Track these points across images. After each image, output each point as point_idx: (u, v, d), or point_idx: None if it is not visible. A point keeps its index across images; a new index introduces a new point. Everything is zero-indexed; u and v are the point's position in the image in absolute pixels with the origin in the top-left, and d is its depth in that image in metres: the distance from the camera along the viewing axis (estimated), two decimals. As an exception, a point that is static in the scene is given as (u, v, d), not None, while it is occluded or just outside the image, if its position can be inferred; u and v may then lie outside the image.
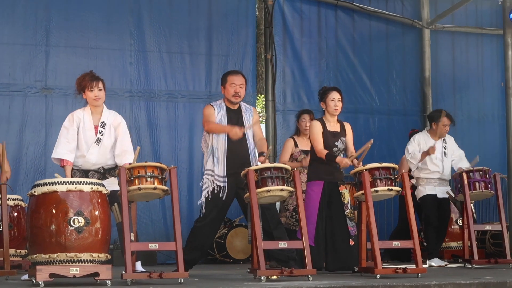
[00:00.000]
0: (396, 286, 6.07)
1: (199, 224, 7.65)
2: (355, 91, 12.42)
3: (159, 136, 11.22)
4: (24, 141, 10.61)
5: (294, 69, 12.13)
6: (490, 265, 8.71)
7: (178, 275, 6.42)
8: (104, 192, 6.36)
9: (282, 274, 6.68)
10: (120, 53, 11.14)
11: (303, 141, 9.36)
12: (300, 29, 12.21)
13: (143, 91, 11.21)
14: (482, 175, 8.97)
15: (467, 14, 13.21)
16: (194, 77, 11.48)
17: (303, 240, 6.88)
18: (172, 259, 9.32)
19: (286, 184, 6.94)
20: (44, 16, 10.79)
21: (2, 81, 10.59)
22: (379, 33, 12.80)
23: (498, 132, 12.86)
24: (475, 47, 13.30)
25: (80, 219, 6.10)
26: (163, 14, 11.38)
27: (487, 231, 10.60)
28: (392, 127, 12.64)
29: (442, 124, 9.47)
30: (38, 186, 6.26)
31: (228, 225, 10.92)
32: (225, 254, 10.76)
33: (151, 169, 6.62)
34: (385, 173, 7.32)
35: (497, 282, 6.34)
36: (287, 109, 11.90)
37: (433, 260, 9.29)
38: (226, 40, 11.64)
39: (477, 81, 13.25)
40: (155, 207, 10.89)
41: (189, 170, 11.25)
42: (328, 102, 8.07)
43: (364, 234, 7.48)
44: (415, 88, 12.99)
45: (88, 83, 7.28)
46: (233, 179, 7.52)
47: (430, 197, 9.40)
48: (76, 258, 6.08)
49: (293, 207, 9.08)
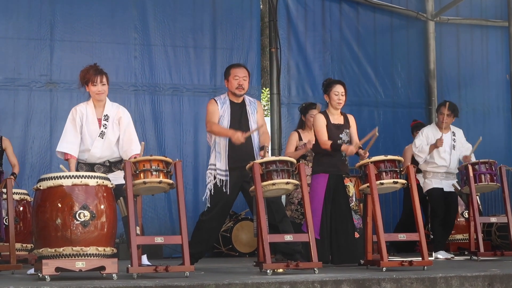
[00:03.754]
0: (402, 279, 6.06)
1: (205, 217, 7.65)
2: (360, 83, 12.41)
3: (164, 130, 11.22)
4: (29, 135, 10.62)
5: (299, 62, 12.13)
6: (496, 257, 8.70)
7: (184, 269, 6.42)
8: (109, 186, 6.36)
9: (288, 267, 6.68)
10: (124, 47, 11.15)
11: (307, 134, 9.33)
12: (305, 22, 12.20)
13: (148, 85, 11.22)
14: (487, 167, 8.95)
15: (471, 6, 13.19)
16: (199, 70, 11.48)
17: (309, 233, 6.87)
18: (178, 253, 9.33)
19: (291, 177, 6.93)
20: (49, 10, 10.80)
21: (7, 76, 10.60)
22: (384, 26, 12.78)
23: (503, 125, 12.85)
24: (480, 39, 13.28)
25: (85, 213, 6.09)
26: (167, 8, 11.38)
27: (493, 224, 10.58)
28: (397, 119, 12.63)
29: (440, 114, 9.43)
30: (44, 180, 6.25)
31: (233, 218, 10.92)
32: (231, 247, 10.77)
33: (156, 162, 6.61)
34: (391, 165, 7.29)
35: (503, 274, 6.33)
36: (292, 102, 11.88)
37: (439, 253, 9.28)
38: (230, 34, 11.64)
39: (482, 73, 13.22)
40: (160, 201, 10.90)
41: (194, 163, 11.26)
42: (332, 96, 8.04)
43: (369, 227, 7.46)
44: (420, 80, 12.98)
45: (92, 77, 7.20)
46: (238, 173, 7.50)
47: (437, 190, 9.39)
48: (82, 252, 6.08)
49: (298, 200, 9.07)
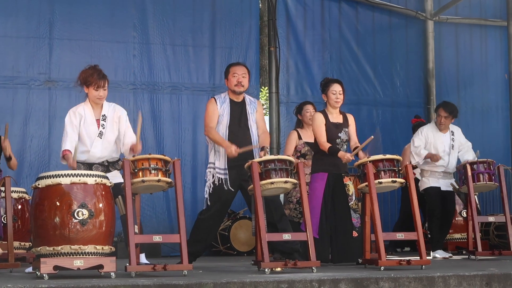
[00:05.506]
0: (400, 278, 6.07)
1: (203, 216, 7.67)
2: (359, 83, 12.41)
3: (162, 129, 11.22)
4: (28, 134, 10.62)
5: (298, 61, 12.13)
6: (494, 256, 8.71)
7: (182, 267, 6.42)
8: (108, 184, 6.36)
9: (286, 266, 6.68)
10: (123, 46, 11.15)
11: (306, 133, 9.33)
12: (304, 21, 12.20)
13: (147, 84, 11.22)
14: (486, 167, 8.95)
15: (470, 6, 13.19)
16: (198, 69, 11.48)
17: (307, 232, 6.88)
18: (176, 251, 9.33)
19: (290, 176, 6.93)
20: (48, 9, 10.79)
21: (6, 74, 10.60)
22: (383, 25, 12.78)
23: (502, 124, 12.85)
24: (479, 38, 13.28)
25: (84, 212, 6.10)
26: (166, 7, 11.37)
27: (491, 223, 10.58)
28: (396, 119, 12.64)
29: (438, 115, 9.43)
30: (42, 178, 6.26)
31: (232, 217, 10.92)
32: (229, 246, 10.78)
33: (155, 161, 6.62)
34: (389, 164, 7.29)
35: (501, 273, 6.33)
36: (291, 101, 11.87)
37: (437, 252, 9.28)
38: (229, 32, 11.63)
39: (481, 73, 13.23)
40: (159, 200, 10.90)
41: (193, 162, 11.26)
42: (330, 95, 8.04)
43: (368, 226, 7.46)
44: (419, 80, 12.98)
45: (95, 81, 7.18)
46: (237, 172, 7.52)
47: (434, 189, 9.38)
48: (80, 250, 6.09)
49: (296, 199, 9.07)
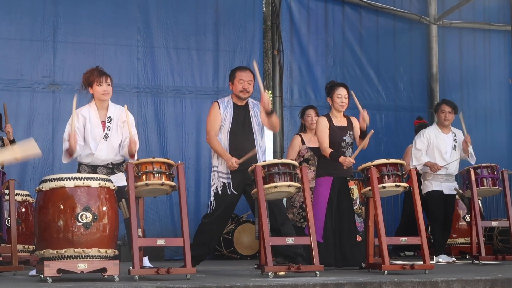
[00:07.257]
0: (403, 283, 6.07)
1: (207, 220, 7.66)
2: (362, 87, 12.40)
3: (166, 132, 11.22)
4: (32, 136, 10.57)
5: (301, 65, 12.13)
6: (498, 261, 8.70)
7: (185, 271, 6.42)
8: (111, 187, 6.36)
9: (289, 270, 6.68)
10: (127, 49, 11.15)
11: (309, 137, 9.34)
12: (307, 25, 12.21)
13: (151, 87, 11.22)
14: (489, 171, 8.95)
15: (474, 10, 13.19)
16: (202, 73, 11.48)
17: (311, 236, 6.87)
18: (180, 255, 9.33)
19: (293, 180, 6.93)
20: (52, 11, 10.80)
21: (10, 77, 10.60)
22: (386, 29, 12.78)
23: (505, 128, 12.85)
24: (482, 43, 13.28)
25: (87, 215, 6.10)
26: (170, 10, 11.38)
27: (494, 228, 10.56)
28: (399, 123, 12.63)
29: (440, 111, 9.42)
30: (46, 181, 6.25)
31: (235, 221, 10.92)
32: (232, 250, 10.77)
33: (159, 165, 6.62)
34: (393, 169, 7.29)
35: (505, 278, 6.33)
36: (294, 105, 11.88)
37: (440, 257, 9.27)
38: (233, 36, 11.63)
39: (484, 77, 13.22)
40: (162, 203, 10.89)
41: (197, 166, 11.26)
42: (335, 99, 8.06)
43: (371, 230, 7.47)
44: (422, 84, 12.98)
45: (97, 77, 7.18)
46: (241, 175, 7.51)
47: (437, 193, 9.36)
48: (83, 253, 6.09)
49: (299, 203, 9.06)
